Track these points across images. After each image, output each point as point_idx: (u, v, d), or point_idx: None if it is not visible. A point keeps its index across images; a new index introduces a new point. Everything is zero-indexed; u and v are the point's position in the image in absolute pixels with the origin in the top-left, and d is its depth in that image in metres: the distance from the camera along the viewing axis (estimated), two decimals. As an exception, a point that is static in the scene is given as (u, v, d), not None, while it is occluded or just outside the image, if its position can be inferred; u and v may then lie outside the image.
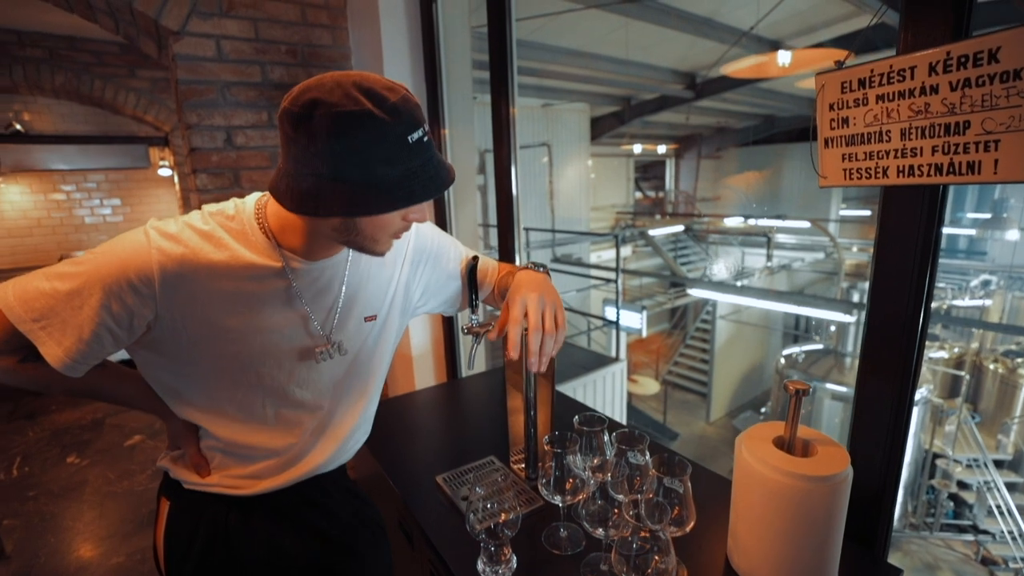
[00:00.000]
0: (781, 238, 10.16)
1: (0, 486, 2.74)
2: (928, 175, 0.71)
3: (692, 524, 0.77)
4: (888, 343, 0.81)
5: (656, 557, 0.69)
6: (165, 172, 4.90)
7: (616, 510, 0.72)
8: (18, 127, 4.14)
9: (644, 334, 6.40)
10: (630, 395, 8.53)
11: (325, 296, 0.77)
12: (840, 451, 0.73)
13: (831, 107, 0.81)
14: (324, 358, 0.79)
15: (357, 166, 0.59)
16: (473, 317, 0.96)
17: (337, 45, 2.07)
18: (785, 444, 0.76)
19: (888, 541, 0.85)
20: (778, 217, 9.42)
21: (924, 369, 5.77)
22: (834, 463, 0.71)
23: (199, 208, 0.74)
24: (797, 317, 9.20)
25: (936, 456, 5.63)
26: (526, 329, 0.74)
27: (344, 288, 0.79)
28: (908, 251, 0.77)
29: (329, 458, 0.85)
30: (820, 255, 9.67)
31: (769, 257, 9.20)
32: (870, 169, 0.78)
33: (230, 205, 0.73)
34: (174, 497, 0.83)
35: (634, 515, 0.71)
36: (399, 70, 1.94)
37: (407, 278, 0.89)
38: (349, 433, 0.86)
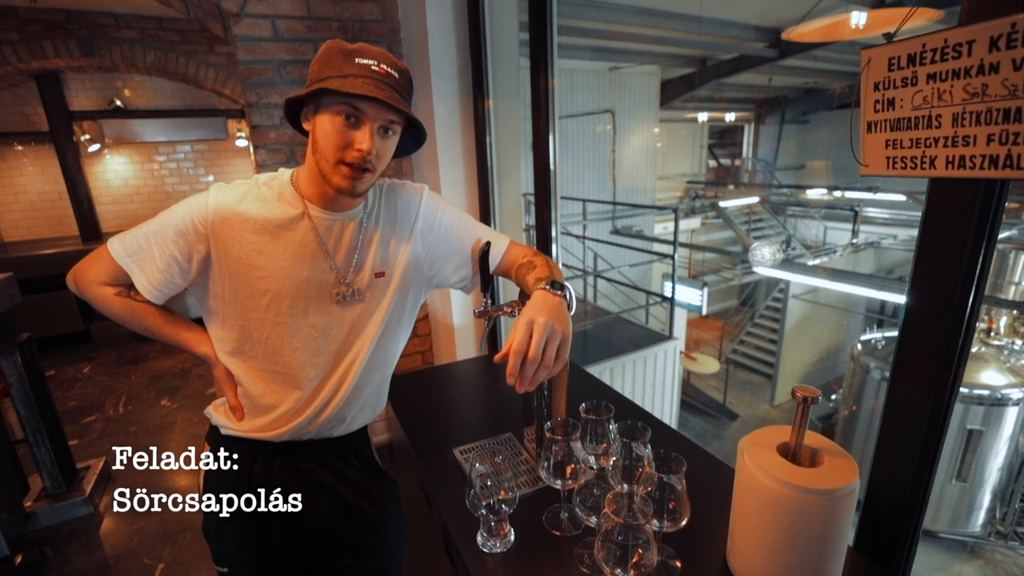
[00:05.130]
0: (871, 212, 9.18)
1: (111, 420, 3.21)
2: (981, 167, 0.63)
3: (686, 520, 0.76)
4: (925, 352, 0.73)
5: (640, 550, 0.70)
6: (242, 143, 5.24)
7: (608, 498, 0.73)
8: (118, 103, 4.58)
9: (704, 312, 6.13)
10: (688, 373, 8.29)
11: (342, 244, 0.89)
12: (849, 463, 0.69)
13: (876, 87, 0.72)
14: (341, 299, 0.89)
15: (320, 69, 0.79)
16: (486, 301, 0.98)
17: (386, 19, 2.08)
18: (790, 452, 0.72)
19: (910, 562, 0.80)
20: (869, 190, 8.49)
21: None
22: (839, 476, 0.67)
23: None
24: (882, 300, 8.41)
25: (1036, 461, 5.04)
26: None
27: (359, 242, 0.90)
28: (953, 258, 0.68)
29: (339, 411, 0.93)
30: (915, 232, 8.69)
31: (855, 233, 8.39)
32: (916, 158, 0.69)
33: (278, 171, 0.90)
34: (214, 445, 0.96)
35: (624, 509, 0.71)
36: (444, 41, 1.93)
37: (417, 249, 0.95)
38: (356, 391, 0.93)
